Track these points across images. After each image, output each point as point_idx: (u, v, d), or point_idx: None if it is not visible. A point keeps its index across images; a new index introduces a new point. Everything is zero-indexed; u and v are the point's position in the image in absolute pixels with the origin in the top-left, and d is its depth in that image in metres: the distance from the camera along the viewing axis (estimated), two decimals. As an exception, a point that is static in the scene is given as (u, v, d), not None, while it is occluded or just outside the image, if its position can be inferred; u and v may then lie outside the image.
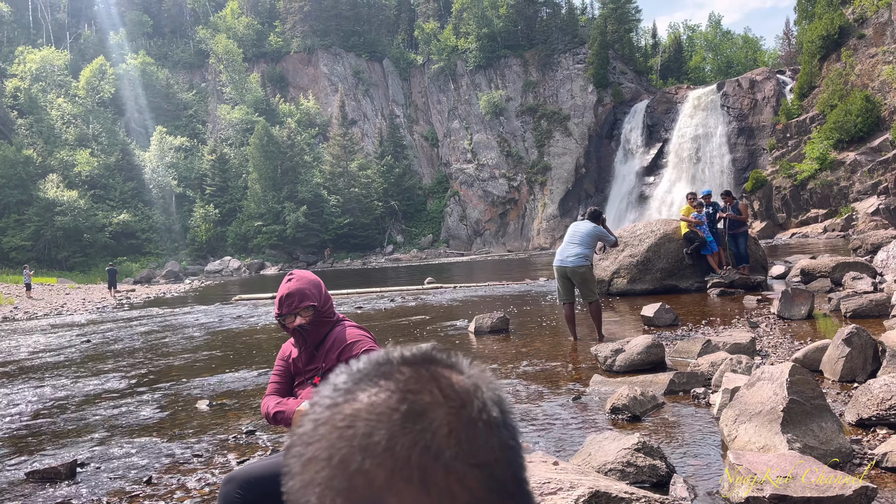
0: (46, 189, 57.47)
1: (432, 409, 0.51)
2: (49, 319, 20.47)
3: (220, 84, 78.59)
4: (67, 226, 56.38)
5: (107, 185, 64.10)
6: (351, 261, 64.24)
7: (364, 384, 0.53)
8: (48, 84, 70.50)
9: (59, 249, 56.44)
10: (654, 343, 6.68)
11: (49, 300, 30.97)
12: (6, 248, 54.83)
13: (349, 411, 0.51)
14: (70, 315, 21.96)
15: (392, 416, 0.50)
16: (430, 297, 18.05)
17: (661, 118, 62.68)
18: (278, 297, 2.81)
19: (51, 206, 56.58)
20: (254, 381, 7.75)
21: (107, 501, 4.17)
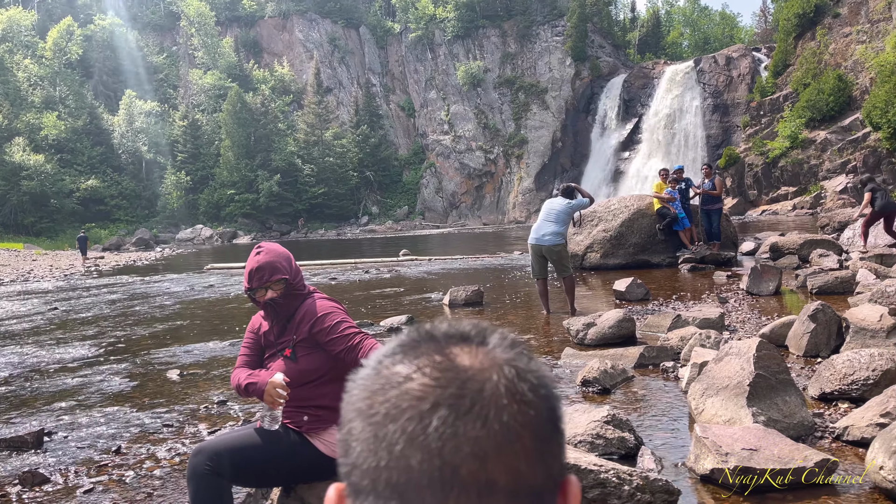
0: (12, 153, 55.93)
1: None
2: (15, 286, 20.09)
3: (191, 48, 76.77)
4: (34, 191, 55.06)
5: (74, 149, 62.60)
6: (325, 231, 63.82)
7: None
8: (14, 45, 68.25)
9: (26, 215, 55.20)
10: (626, 317, 6.76)
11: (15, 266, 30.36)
12: (-30, 213, 53.56)
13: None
14: (37, 282, 21.56)
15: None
16: (406, 269, 18.05)
17: (638, 93, 62.78)
18: (248, 271, 2.77)
19: (17, 170, 55.13)
20: (225, 351, 7.71)
21: (75, 471, 4.13)
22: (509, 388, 0.54)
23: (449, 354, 0.56)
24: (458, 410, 0.52)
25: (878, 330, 5.23)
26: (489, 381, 0.54)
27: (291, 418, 2.73)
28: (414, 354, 0.56)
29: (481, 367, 0.54)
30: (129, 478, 3.96)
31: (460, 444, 0.50)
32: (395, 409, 0.52)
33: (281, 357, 2.78)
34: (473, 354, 0.56)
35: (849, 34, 45.94)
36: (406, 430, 0.51)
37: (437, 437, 0.50)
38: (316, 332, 2.71)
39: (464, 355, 0.56)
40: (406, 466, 0.50)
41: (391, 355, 0.57)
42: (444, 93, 73.24)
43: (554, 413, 0.56)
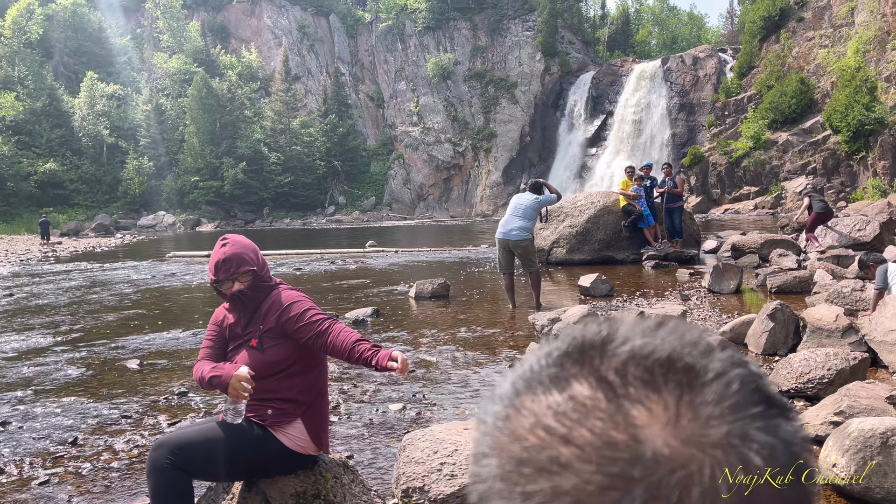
0: (-34, 133, 54.21)
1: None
2: (-32, 271, 19.48)
3: (156, 31, 75.07)
4: (-11, 173, 53.45)
5: (32, 131, 60.83)
6: (291, 220, 63.17)
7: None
8: (-31, 21, 66.03)
9: (-20, 197, 53.57)
10: (590, 313, 6.83)
11: (-32, 250, 29.44)
12: (-79, 194, 51.73)
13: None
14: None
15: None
16: (372, 260, 17.97)
17: (606, 90, 63.33)
18: (213, 263, 2.72)
19: (-29, 151, 53.44)
20: (187, 341, 7.59)
21: (30, 462, 4.03)
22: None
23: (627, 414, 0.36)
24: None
25: (834, 330, 5.37)
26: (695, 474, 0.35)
27: (255, 412, 2.69)
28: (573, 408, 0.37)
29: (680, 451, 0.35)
30: (86, 470, 3.88)
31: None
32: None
33: (246, 348, 2.74)
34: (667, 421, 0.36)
35: (812, 38, 46.95)
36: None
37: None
38: (283, 322, 2.69)
39: (651, 421, 0.36)
40: None
41: (534, 387, 0.39)
42: (414, 84, 72.95)
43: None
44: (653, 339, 0.39)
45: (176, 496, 2.49)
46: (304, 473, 2.80)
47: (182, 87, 68.36)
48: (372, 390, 5.27)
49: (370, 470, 3.73)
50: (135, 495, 3.49)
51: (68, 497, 3.52)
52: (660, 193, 14.37)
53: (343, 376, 5.62)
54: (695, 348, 0.38)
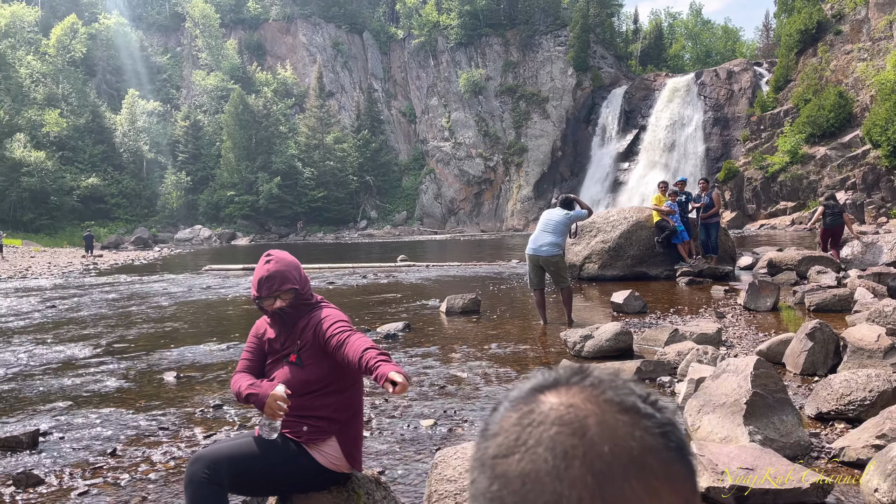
0: (13, 148, 55.88)
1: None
2: (13, 282, 20.05)
3: (195, 49, 76.90)
4: (34, 187, 54.99)
5: (76, 147, 62.59)
6: (324, 234, 63.81)
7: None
8: (17, 41, 68.32)
9: (25, 211, 55.10)
10: (623, 330, 6.76)
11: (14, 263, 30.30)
12: (-31, 208, 53.46)
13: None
14: (35, 279, 21.52)
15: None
16: (403, 274, 18.05)
17: (639, 104, 62.96)
18: (257, 279, 2.75)
19: (17, 166, 55.07)
20: (222, 354, 7.70)
21: (70, 472, 4.12)
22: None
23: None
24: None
25: (876, 350, 5.24)
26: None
27: (291, 428, 2.73)
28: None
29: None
30: (124, 481, 3.95)
31: None
32: None
33: (285, 363, 2.77)
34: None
35: (850, 51, 46.13)
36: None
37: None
38: (318, 337, 2.72)
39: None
40: None
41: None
42: (446, 99, 73.40)
43: (628, 453, 0.55)
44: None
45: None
46: (337, 490, 2.82)
47: (219, 104, 69.79)
48: (403, 405, 5.28)
49: (402, 486, 3.73)
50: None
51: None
52: (695, 208, 14.21)
53: (375, 391, 5.64)
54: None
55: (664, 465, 0.53)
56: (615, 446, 0.52)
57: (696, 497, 0.56)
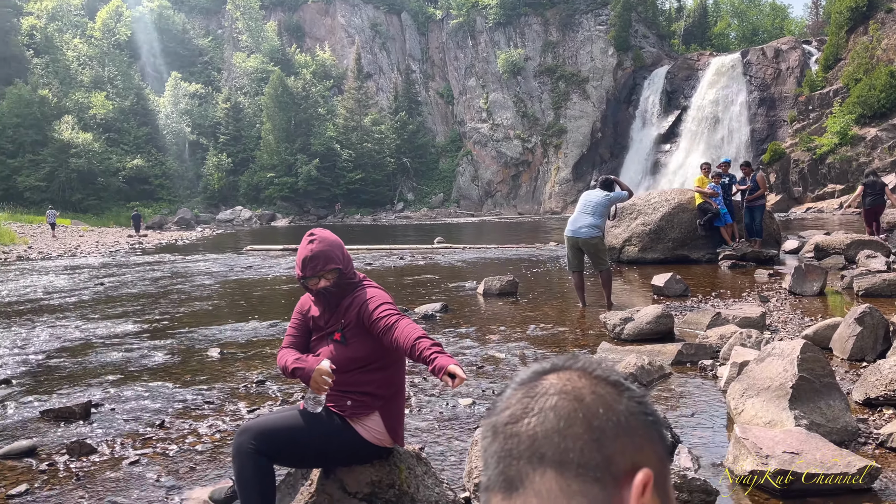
0: (61, 130, 57.35)
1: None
2: (63, 261, 20.68)
3: (236, 31, 77.64)
4: (82, 168, 56.42)
5: (121, 129, 63.94)
6: (361, 216, 64.24)
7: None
8: (64, 24, 69.84)
9: (73, 192, 56.60)
10: (664, 313, 6.69)
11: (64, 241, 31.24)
12: (21, 188, 55.03)
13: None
14: (84, 257, 22.16)
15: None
16: (440, 256, 18.09)
17: (682, 85, 61.59)
18: (300, 259, 2.78)
19: (65, 147, 56.54)
20: (264, 332, 7.84)
21: (121, 442, 4.26)
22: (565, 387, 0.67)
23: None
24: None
25: (928, 336, 5.09)
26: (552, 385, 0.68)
27: (335, 402, 2.77)
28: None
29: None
30: (173, 452, 4.08)
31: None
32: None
33: (330, 341, 2.81)
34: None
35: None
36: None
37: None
38: (362, 317, 2.75)
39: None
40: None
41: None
42: (484, 80, 72.83)
43: (617, 415, 0.65)
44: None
45: (258, 479, 2.60)
46: (380, 463, 2.87)
47: (259, 86, 70.46)
48: (442, 384, 5.32)
49: (441, 463, 3.78)
50: (218, 477, 3.65)
51: (157, 477, 3.71)
52: (739, 190, 13.91)
53: (414, 370, 5.69)
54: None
55: (645, 427, 0.66)
56: (608, 410, 0.65)
57: (666, 456, 0.68)
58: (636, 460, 0.63)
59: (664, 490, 0.65)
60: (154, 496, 3.47)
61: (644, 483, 0.62)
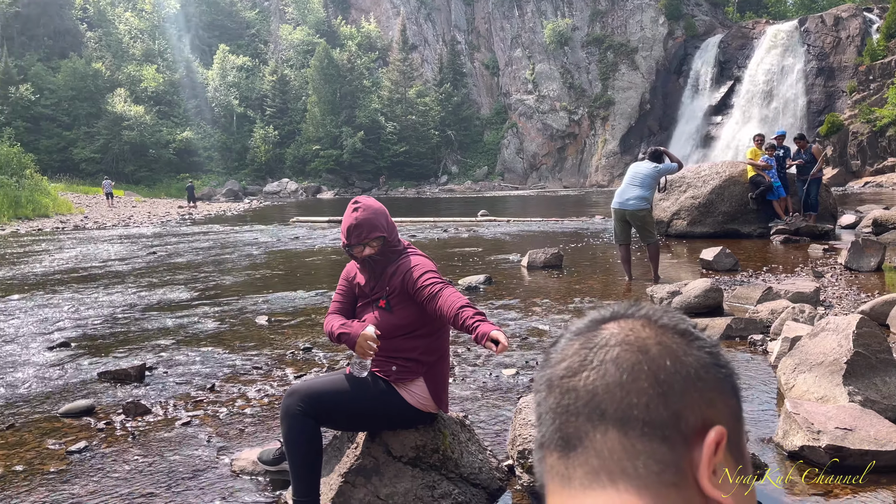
0: (114, 103, 58.74)
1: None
2: (117, 230, 21.31)
3: (282, 3, 77.96)
4: (134, 140, 57.79)
5: (171, 101, 65.14)
6: (405, 189, 64.41)
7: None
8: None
9: (126, 163, 58.08)
10: (713, 287, 6.55)
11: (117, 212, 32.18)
12: (77, 160, 56.72)
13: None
14: (136, 227, 22.79)
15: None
16: (484, 229, 18.05)
17: (735, 54, 59.64)
18: (346, 227, 2.80)
19: (118, 120, 57.94)
20: (311, 300, 7.96)
21: (174, 404, 4.40)
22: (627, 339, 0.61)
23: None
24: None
25: None
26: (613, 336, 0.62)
27: (380, 367, 2.80)
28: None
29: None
30: (223, 414, 4.19)
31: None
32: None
33: (375, 308, 2.84)
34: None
35: (978, -8, 41.99)
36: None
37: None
38: (406, 285, 2.76)
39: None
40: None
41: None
42: (530, 51, 71.74)
43: (686, 367, 0.59)
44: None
45: (305, 441, 2.65)
46: (424, 428, 2.90)
47: (305, 58, 70.77)
48: (486, 354, 5.34)
49: (485, 430, 3.80)
50: (266, 439, 3.74)
51: (208, 437, 3.82)
52: (792, 165, 13.47)
53: (457, 340, 5.72)
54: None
55: (717, 380, 0.60)
56: (675, 362, 0.59)
57: (740, 412, 0.62)
58: (707, 417, 0.57)
59: (738, 449, 0.60)
60: (206, 456, 3.58)
61: (717, 442, 0.56)
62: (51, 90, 58.25)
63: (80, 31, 65.95)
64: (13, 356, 5.71)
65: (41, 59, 61.45)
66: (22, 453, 3.67)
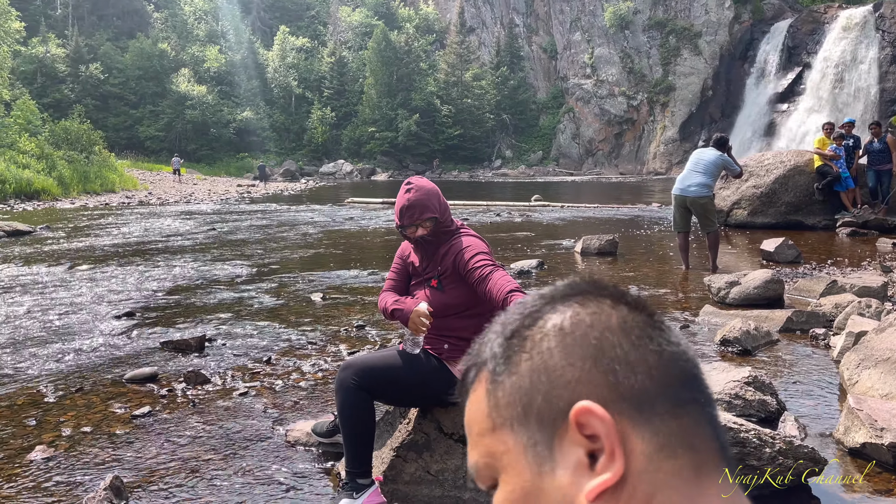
0: (179, 83, 60.29)
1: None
2: (179, 206, 21.95)
3: (342, -15, 78.44)
4: (196, 119, 59.27)
5: (232, 82, 66.44)
6: (459, 173, 64.33)
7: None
8: (181, -21, 72.74)
9: (188, 142, 59.64)
10: (774, 278, 6.37)
11: (179, 189, 33.14)
12: (142, 138, 58.54)
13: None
14: (197, 204, 23.43)
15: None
16: (537, 214, 17.93)
17: (805, 39, 57.29)
18: (398, 208, 2.83)
19: (182, 99, 59.48)
20: (364, 280, 8.07)
21: (231, 375, 4.54)
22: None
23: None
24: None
25: None
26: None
27: (433, 345, 2.83)
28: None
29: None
30: (278, 386, 4.30)
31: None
32: None
33: (427, 287, 2.87)
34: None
35: None
36: None
37: None
38: (458, 265, 2.77)
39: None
40: None
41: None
42: (590, 35, 70.40)
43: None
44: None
45: (359, 413, 2.71)
46: (476, 407, 2.91)
47: (363, 40, 71.12)
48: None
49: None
50: (320, 412, 3.83)
51: (264, 408, 3.93)
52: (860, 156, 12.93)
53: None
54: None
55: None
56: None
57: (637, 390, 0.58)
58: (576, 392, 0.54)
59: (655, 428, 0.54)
60: (262, 426, 3.68)
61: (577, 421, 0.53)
62: (119, 69, 60.12)
63: (147, 11, 67.74)
64: (82, 324, 5.97)
65: (110, 38, 63.44)
66: (90, 415, 3.85)
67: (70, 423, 3.72)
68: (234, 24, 70.49)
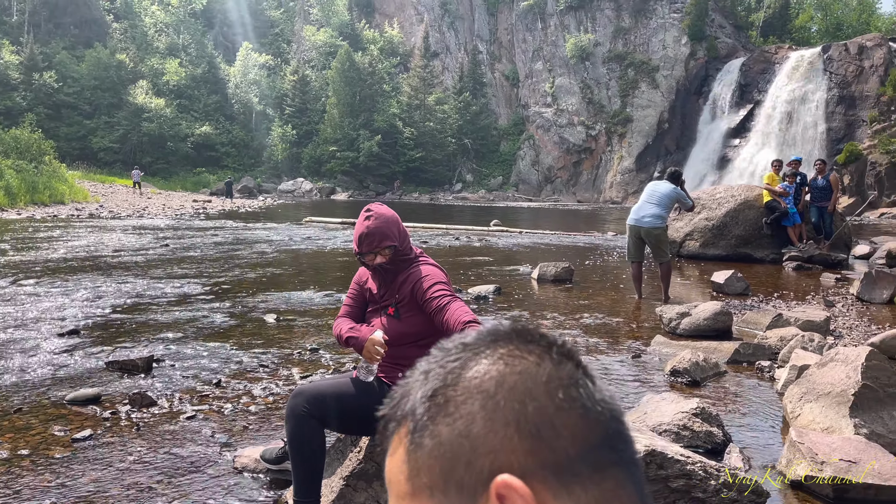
0: (136, 95, 59.25)
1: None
2: (131, 221, 21.46)
3: (307, 4, 78.47)
4: (153, 132, 58.24)
5: (192, 96, 65.62)
6: (419, 195, 64.48)
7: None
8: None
9: (144, 154, 58.50)
10: (723, 310, 6.53)
11: (132, 202, 32.40)
12: (95, 149, 57.19)
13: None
14: (151, 218, 22.95)
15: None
16: (496, 239, 18.05)
17: (757, 78, 59.42)
18: (357, 235, 2.82)
19: (139, 111, 58.44)
20: (319, 301, 7.99)
21: (179, 397, 4.43)
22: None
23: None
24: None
25: None
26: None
27: (387, 373, 2.82)
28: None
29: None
30: (227, 410, 4.21)
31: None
32: None
33: (384, 314, 2.86)
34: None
35: None
36: None
37: None
38: (415, 294, 2.78)
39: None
40: None
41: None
42: (551, 64, 71.78)
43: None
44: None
45: (309, 442, 2.67)
46: (427, 436, 2.90)
47: (327, 60, 71.16)
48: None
49: (487, 442, 3.80)
50: (269, 437, 3.76)
51: (211, 432, 3.84)
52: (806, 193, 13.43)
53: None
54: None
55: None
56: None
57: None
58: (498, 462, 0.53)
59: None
60: (209, 451, 3.60)
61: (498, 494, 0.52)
62: (74, 79, 58.84)
63: (106, 21, 66.63)
64: (24, 341, 5.77)
65: (66, 47, 62.13)
66: (28, 437, 3.71)
67: (7, 446, 3.57)
68: (196, 38, 69.80)
